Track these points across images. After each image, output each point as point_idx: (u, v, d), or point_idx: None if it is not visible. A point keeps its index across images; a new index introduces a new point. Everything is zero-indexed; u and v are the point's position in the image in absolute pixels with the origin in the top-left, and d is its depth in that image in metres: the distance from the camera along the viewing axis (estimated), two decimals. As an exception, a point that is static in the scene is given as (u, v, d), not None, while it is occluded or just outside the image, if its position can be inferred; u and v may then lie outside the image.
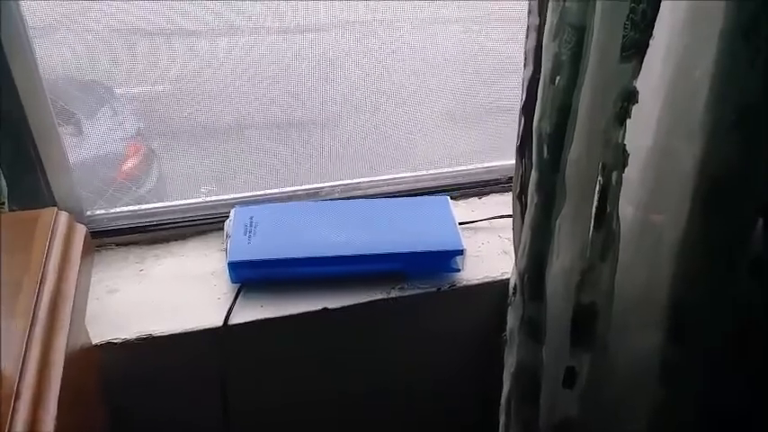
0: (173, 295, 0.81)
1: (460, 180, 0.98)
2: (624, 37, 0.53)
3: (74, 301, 0.56)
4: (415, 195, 0.95)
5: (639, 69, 0.54)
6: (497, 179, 0.98)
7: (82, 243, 0.62)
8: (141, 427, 0.80)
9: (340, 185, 0.95)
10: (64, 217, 0.62)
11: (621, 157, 0.60)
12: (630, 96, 0.56)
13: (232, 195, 0.93)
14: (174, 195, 0.98)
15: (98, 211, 0.88)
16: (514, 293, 0.70)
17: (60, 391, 0.50)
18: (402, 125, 1.23)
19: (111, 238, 0.88)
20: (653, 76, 0.61)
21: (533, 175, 0.61)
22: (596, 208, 0.60)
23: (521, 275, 0.66)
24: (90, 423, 0.65)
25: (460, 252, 0.81)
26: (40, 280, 0.55)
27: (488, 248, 0.89)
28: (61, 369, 0.51)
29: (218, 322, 0.77)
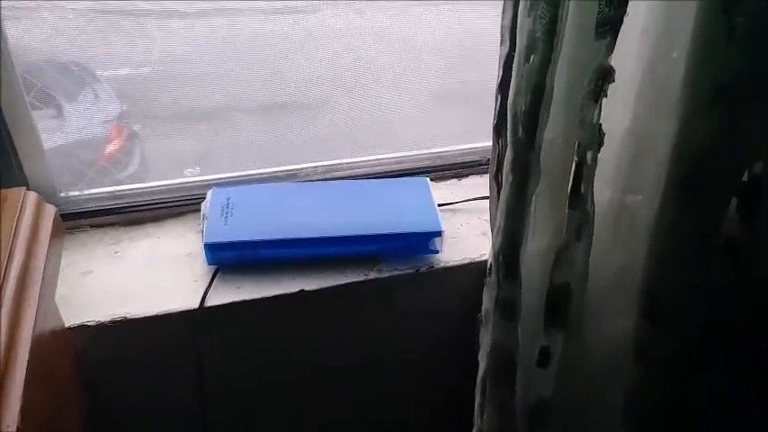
0: (148, 277, 0.80)
1: (440, 161, 0.98)
2: (599, 13, 0.53)
3: (42, 283, 0.56)
4: (395, 177, 0.95)
5: (614, 46, 0.54)
6: (477, 160, 0.98)
7: (51, 224, 0.61)
8: (117, 409, 0.79)
9: (319, 166, 0.94)
10: (32, 197, 0.61)
11: (597, 137, 0.60)
12: (606, 74, 0.55)
13: (210, 176, 0.92)
14: (157, 179, 0.97)
15: (72, 193, 0.86)
16: (490, 274, 0.70)
17: (27, 372, 0.49)
18: (388, 106, 1.22)
19: (85, 219, 0.86)
20: (630, 56, 0.60)
21: (508, 154, 0.61)
22: (571, 187, 0.60)
23: (496, 255, 0.66)
24: (63, 404, 0.64)
25: (439, 233, 0.81)
26: (7, 261, 0.54)
27: (467, 230, 0.89)
28: (28, 350, 0.50)
29: (195, 304, 0.76)
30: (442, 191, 0.96)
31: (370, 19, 1.17)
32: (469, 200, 0.92)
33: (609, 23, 0.52)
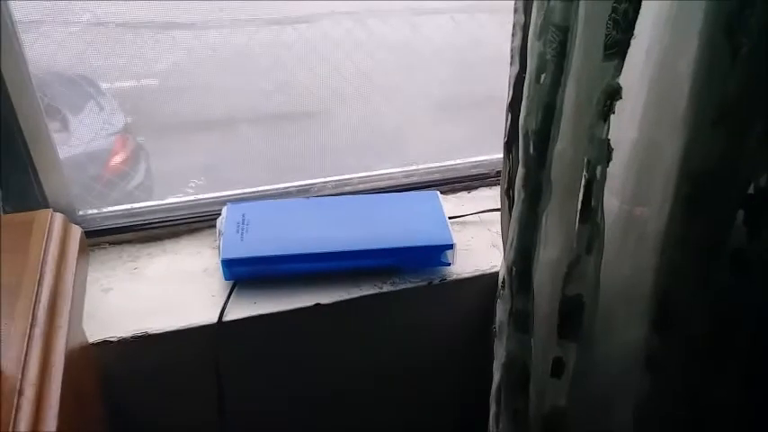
0: (167, 293, 0.81)
1: (449, 175, 0.99)
2: (607, 36, 0.54)
3: (72, 302, 0.57)
4: (406, 190, 0.96)
5: (622, 67, 0.56)
6: (485, 173, 0.99)
7: (77, 244, 0.63)
8: (139, 423, 0.81)
9: (331, 181, 0.96)
10: (59, 218, 0.63)
11: (606, 153, 0.62)
12: (614, 93, 0.57)
13: (224, 193, 0.94)
14: (163, 190, 0.98)
15: (90, 211, 0.88)
16: (503, 287, 0.71)
17: (61, 390, 0.51)
18: (392, 117, 1.23)
19: (103, 237, 0.88)
20: (637, 72, 0.62)
21: (520, 171, 0.63)
22: (581, 202, 0.62)
23: (509, 269, 0.68)
24: (89, 421, 0.66)
25: (450, 246, 0.83)
26: (38, 281, 0.56)
27: (478, 242, 0.90)
28: (62, 368, 0.52)
29: (213, 319, 0.77)
30: (452, 203, 0.97)
31: (372, 29, 1.19)
32: (479, 212, 0.94)
33: (617, 46, 0.54)
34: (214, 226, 0.88)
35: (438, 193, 0.91)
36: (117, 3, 0.96)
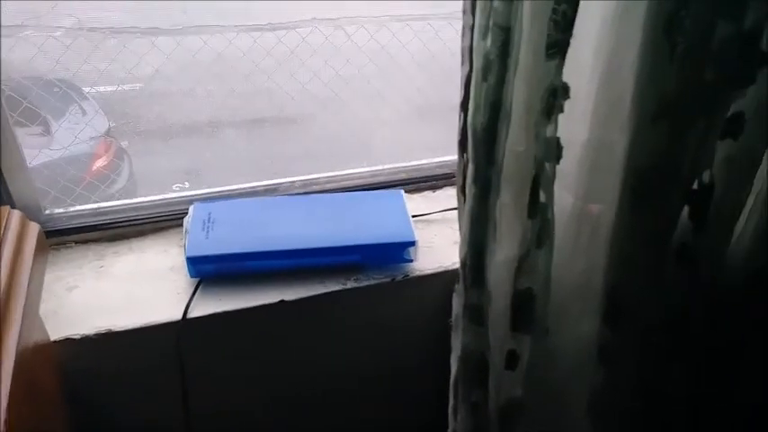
0: (132, 291, 0.82)
1: (415, 174, 1.01)
2: (548, 36, 0.56)
3: (26, 298, 0.58)
4: (371, 189, 0.97)
5: (563, 65, 0.57)
6: (449, 173, 1.01)
7: (35, 241, 0.64)
8: (103, 421, 0.81)
9: (298, 181, 0.97)
10: (16, 215, 0.64)
11: (554, 150, 0.63)
12: (557, 91, 0.59)
13: (191, 192, 0.95)
14: (146, 194, 0.99)
15: (57, 210, 0.89)
16: (459, 281, 0.73)
17: (12, 384, 0.51)
18: (372, 121, 1.24)
19: (70, 236, 0.89)
20: (586, 74, 0.64)
21: (470, 167, 0.64)
22: (530, 197, 0.63)
23: (462, 263, 0.69)
24: (48, 417, 0.67)
25: (412, 243, 0.84)
26: (-9, 276, 0.57)
27: (441, 239, 0.92)
28: (12, 363, 0.53)
29: (177, 316, 0.78)
30: (417, 202, 0.99)
31: (351, 35, 1.20)
32: (443, 210, 0.95)
33: (557, 45, 0.56)
34: (181, 225, 0.89)
35: (402, 191, 0.93)
36: (100, 8, 0.97)
